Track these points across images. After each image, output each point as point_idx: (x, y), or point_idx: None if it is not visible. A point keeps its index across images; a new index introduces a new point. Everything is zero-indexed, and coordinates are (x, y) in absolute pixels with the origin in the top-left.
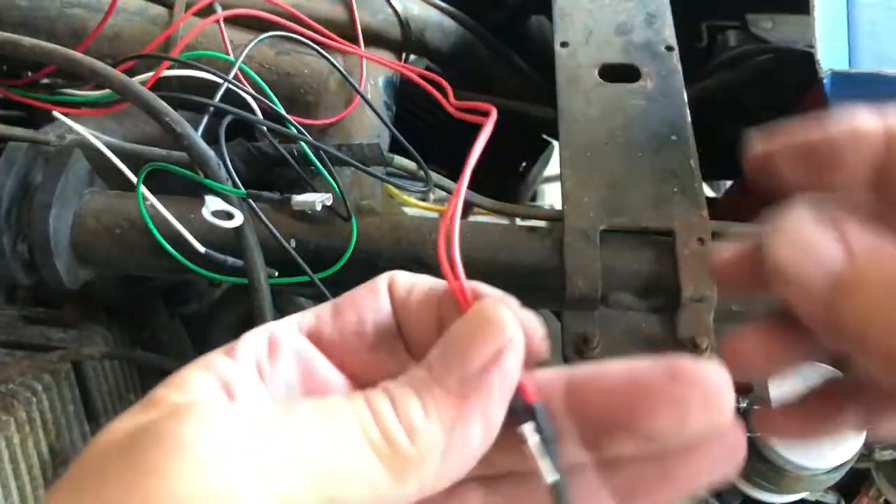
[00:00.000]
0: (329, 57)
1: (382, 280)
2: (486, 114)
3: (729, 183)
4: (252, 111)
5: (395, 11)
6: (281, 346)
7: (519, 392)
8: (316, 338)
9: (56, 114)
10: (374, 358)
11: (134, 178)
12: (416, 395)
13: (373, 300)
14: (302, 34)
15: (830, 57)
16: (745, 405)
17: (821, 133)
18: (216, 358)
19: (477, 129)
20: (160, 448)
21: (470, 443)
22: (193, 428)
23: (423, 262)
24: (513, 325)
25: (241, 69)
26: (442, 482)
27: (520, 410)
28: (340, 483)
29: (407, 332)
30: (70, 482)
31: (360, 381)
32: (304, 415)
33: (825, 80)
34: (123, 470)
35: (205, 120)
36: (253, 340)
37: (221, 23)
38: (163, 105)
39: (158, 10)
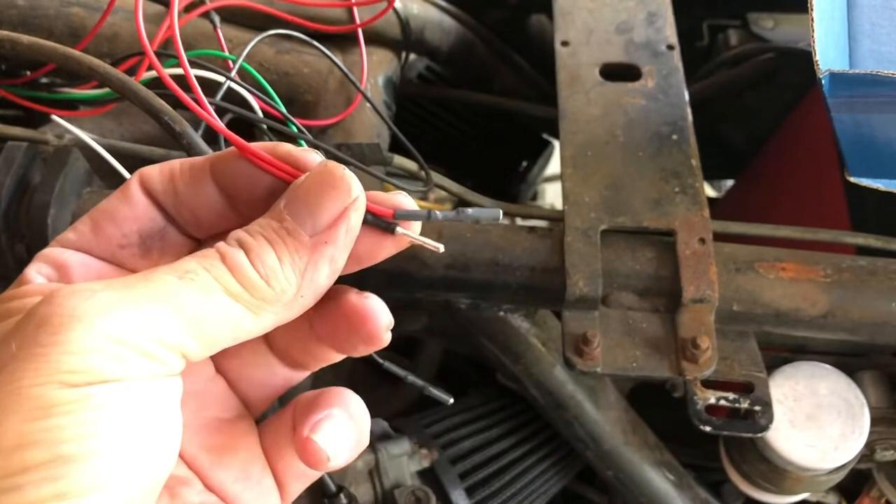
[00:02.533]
0: (330, 54)
1: (133, 184)
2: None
3: (730, 182)
4: (251, 110)
5: (395, 10)
6: (69, 266)
7: (376, 216)
8: (85, 251)
9: (54, 117)
10: (147, 262)
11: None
12: (271, 245)
13: (128, 208)
14: (303, 24)
15: (829, 57)
16: (746, 405)
17: None
18: (5, 296)
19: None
20: (48, 326)
21: (318, 281)
22: (72, 303)
23: (425, 263)
24: (357, 185)
25: (242, 67)
26: (295, 312)
27: (383, 225)
28: (209, 327)
29: (185, 212)
30: None
31: None
32: (164, 278)
33: (823, 81)
34: (21, 355)
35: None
36: (34, 270)
37: (216, 19)
38: (161, 104)
39: (158, 8)
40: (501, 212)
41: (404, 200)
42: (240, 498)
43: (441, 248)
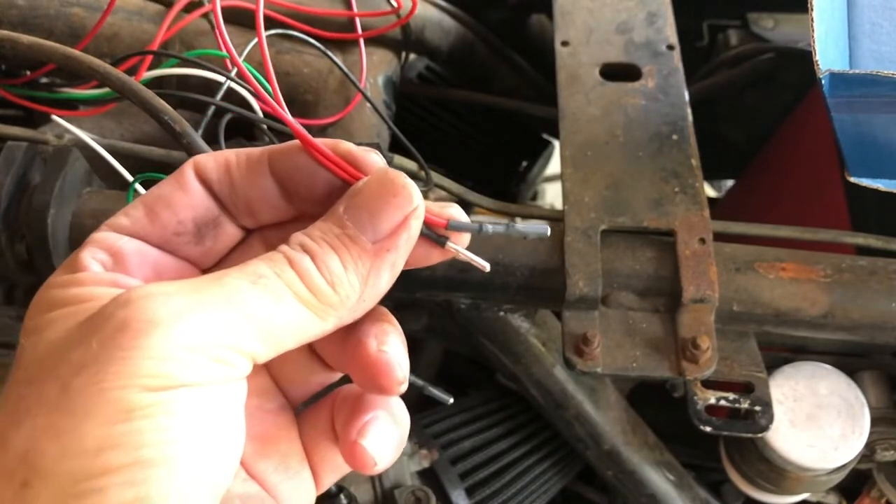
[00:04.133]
0: (330, 54)
1: (188, 172)
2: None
3: (730, 182)
4: (251, 110)
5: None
6: (124, 253)
7: (429, 226)
8: (140, 238)
9: (54, 117)
10: (200, 250)
11: (130, 179)
12: (334, 251)
13: (185, 196)
14: (301, 29)
15: (829, 57)
16: (746, 406)
17: None
18: (60, 281)
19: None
20: (128, 330)
21: (379, 286)
22: (152, 307)
23: None
24: (417, 193)
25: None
26: (356, 315)
27: (434, 237)
28: (279, 332)
29: (240, 202)
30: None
31: (199, 268)
32: (236, 283)
33: (823, 81)
34: (102, 357)
35: (206, 118)
36: (89, 256)
37: (212, 17)
38: (161, 103)
39: (157, 8)
40: (549, 229)
41: (457, 213)
42: (278, 488)
43: (487, 266)
